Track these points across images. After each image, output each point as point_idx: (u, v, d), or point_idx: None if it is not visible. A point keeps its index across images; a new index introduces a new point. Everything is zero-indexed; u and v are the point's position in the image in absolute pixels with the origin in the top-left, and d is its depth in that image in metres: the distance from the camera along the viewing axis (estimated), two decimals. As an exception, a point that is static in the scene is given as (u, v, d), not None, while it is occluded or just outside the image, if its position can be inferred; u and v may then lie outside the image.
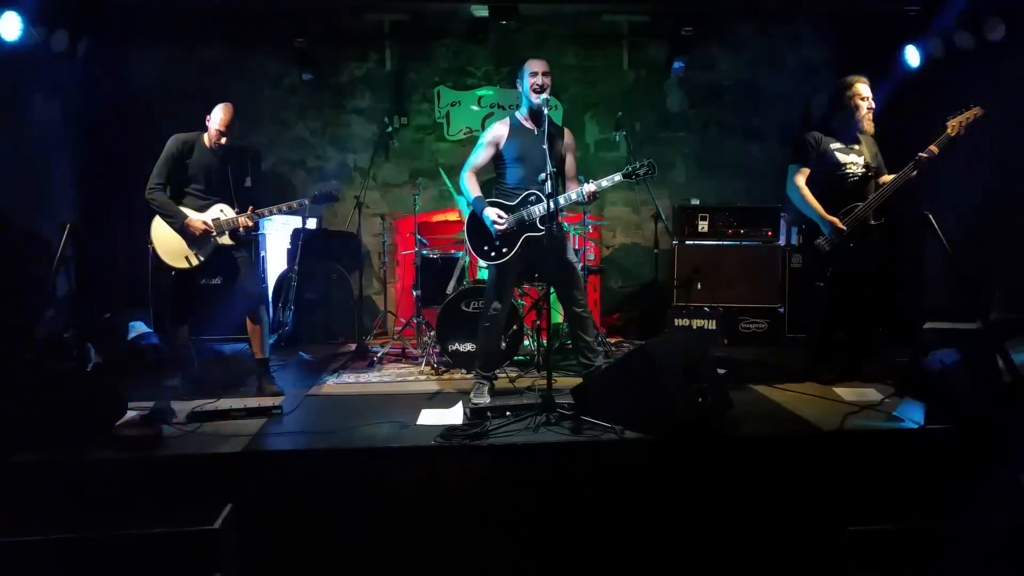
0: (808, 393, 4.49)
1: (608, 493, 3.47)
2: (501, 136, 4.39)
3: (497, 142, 4.40)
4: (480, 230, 4.38)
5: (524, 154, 4.35)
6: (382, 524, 3.37)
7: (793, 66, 7.54)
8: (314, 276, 6.68)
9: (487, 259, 4.39)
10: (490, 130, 4.45)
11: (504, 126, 4.41)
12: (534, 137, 4.31)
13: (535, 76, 4.30)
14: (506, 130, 4.39)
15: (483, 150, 4.43)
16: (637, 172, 4.25)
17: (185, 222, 4.50)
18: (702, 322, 6.47)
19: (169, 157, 4.51)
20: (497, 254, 4.35)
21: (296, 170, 7.51)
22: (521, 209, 4.32)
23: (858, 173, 4.53)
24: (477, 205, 4.33)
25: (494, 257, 4.36)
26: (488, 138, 4.43)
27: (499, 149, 4.40)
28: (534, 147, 4.25)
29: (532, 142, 4.30)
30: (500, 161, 4.43)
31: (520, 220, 4.31)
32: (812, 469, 3.57)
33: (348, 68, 7.48)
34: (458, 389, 4.76)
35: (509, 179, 4.41)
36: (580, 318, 4.51)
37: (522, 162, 4.36)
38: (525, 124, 4.42)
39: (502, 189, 4.44)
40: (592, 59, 7.59)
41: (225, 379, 5.05)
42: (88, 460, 3.37)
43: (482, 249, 4.38)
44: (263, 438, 3.73)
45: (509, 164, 4.41)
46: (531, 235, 4.32)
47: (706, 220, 6.81)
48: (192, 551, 2.85)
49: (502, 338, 4.81)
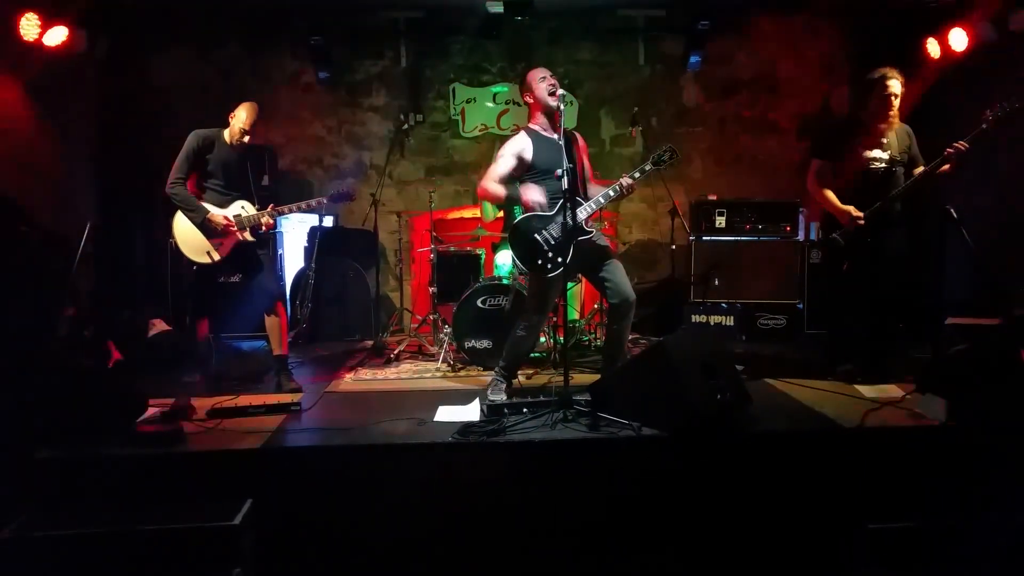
0: (828, 389, 4.45)
1: (626, 490, 3.46)
2: (526, 148, 4.21)
3: (522, 154, 4.21)
4: (527, 243, 4.13)
5: (552, 164, 4.09)
6: (399, 520, 3.37)
7: (812, 59, 7.47)
8: (331, 274, 6.71)
9: (543, 272, 4.12)
10: (512, 144, 4.25)
11: (526, 138, 4.25)
12: (556, 145, 4.10)
13: (544, 80, 4.23)
14: (529, 143, 4.23)
15: (506, 161, 4.21)
16: (663, 159, 4.16)
17: (207, 217, 4.53)
18: (719, 318, 6.44)
19: (190, 152, 4.53)
20: (553, 265, 4.12)
21: (313, 168, 7.55)
22: (560, 217, 4.09)
23: (882, 167, 4.47)
24: (513, 192, 4.13)
25: (550, 269, 4.12)
26: (512, 150, 4.22)
27: (527, 161, 4.21)
28: (556, 154, 4.06)
29: (556, 150, 4.08)
30: (529, 173, 4.23)
31: (565, 228, 4.06)
32: (832, 466, 3.54)
33: (364, 66, 7.50)
34: (475, 386, 4.76)
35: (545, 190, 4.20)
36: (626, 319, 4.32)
37: (549, 171, 4.13)
38: (544, 133, 4.29)
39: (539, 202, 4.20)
40: (607, 54, 7.56)
41: (244, 376, 5.08)
42: (109, 456, 3.40)
43: (535, 263, 4.12)
44: (282, 434, 3.75)
45: (540, 175, 4.21)
46: (581, 239, 4.15)
47: (723, 215, 6.76)
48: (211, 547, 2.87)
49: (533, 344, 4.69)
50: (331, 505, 3.39)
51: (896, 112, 4.45)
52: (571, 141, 4.33)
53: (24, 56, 5.58)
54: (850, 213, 4.45)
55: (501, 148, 4.30)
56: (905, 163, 4.52)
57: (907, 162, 4.53)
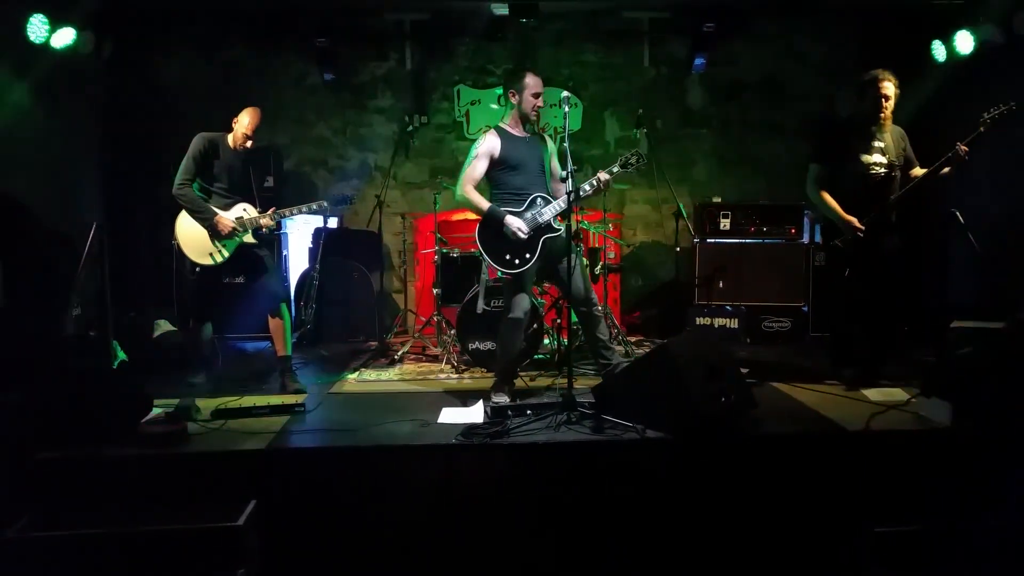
0: (832, 393, 4.44)
1: (629, 492, 3.46)
2: (495, 147, 4.36)
3: (492, 153, 4.36)
4: (495, 241, 4.29)
5: (520, 160, 4.37)
6: (403, 521, 3.38)
7: (817, 61, 7.45)
8: (335, 275, 6.71)
9: (511, 268, 4.29)
10: (481, 143, 4.39)
11: (494, 137, 4.39)
12: (525, 142, 4.42)
13: (538, 97, 4.37)
14: (497, 140, 4.37)
15: (479, 162, 4.36)
16: (630, 163, 4.31)
17: (214, 219, 4.55)
18: (724, 321, 6.43)
19: (196, 155, 4.56)
20: (521, 261, 4.28)
21: (318, 169, 7.55)
22: (532, 212, 4.30)
23: (881, 172, 4.46)
24: (495, 214, 4.26)
25: (518, 265, 4.28)
26: (481, 150, 4.36)
27: (495, 158, 4.36)
28: (527, 151, 4.40)
29: (524, 147, 4.41)
30: (497, 170, 4.39)
31: (535, 224, 4.27)
32: (837, 469, 3.54)
33: (369, 67, 7.50)
34: (479, 388, 4.76)
35: (508, 186, 4.38)
36: (592, 317, 4.47)
37: (519, 168, 4.38)
38: (512, 131, 4.44)
39: (503, 197, 4.38)
40: (612, 56, 7.56)
41: (248, 377, 5.10)
42: (113, 457, 3.41)
43: (503, 259, 4.28)
44: (286, 435, 3.76)
45: (507, 172, 4.38)
46: (548, 236, 4.31)
47: (728, 218, 6.76)
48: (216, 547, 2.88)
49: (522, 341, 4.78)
50: (335, 506, 3.40)
51: (888, 114, 4.45)
52: (540, 140, 4.54)
53: (31, 57, 5.60)
54: (854, 224, 4.44)
55: (473, 149, 4.44)
56: (901, 166, 4.52)
57: (903, 164, 4.53)
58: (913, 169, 4.53)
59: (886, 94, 4.40)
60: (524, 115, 4.41)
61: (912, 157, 4.56)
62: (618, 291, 6.99)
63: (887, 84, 4.41)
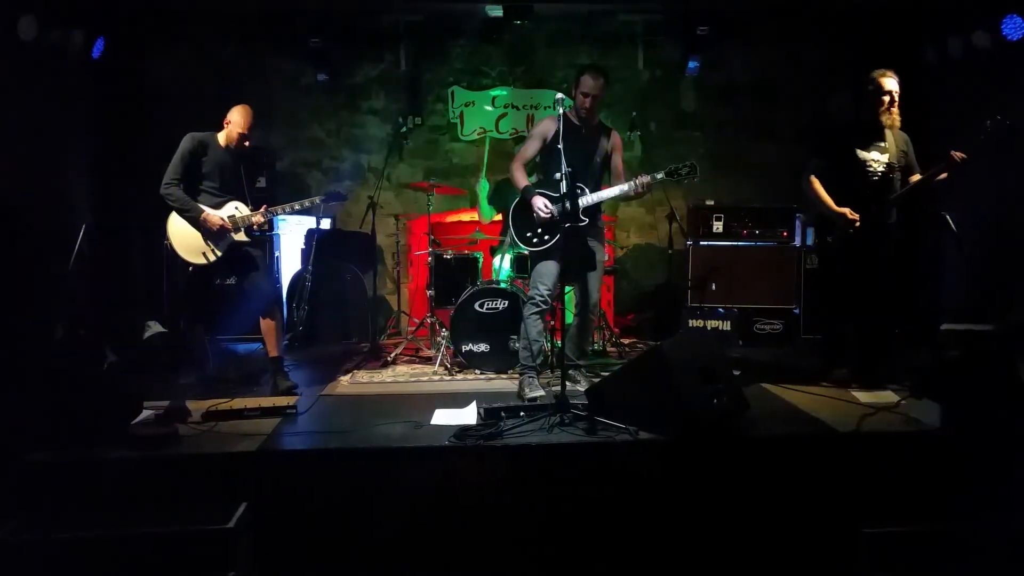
0: (824, 394, 4.45)
1: (622, 494, 3.46)
2: (549, 130, 4.56)
3: (544, 136, 4.59)
4: (525, 217, 4.59)
5: (573, 146, 4.40)
6: (396, 524, 3.36)
7: (810, 65, 7.47)
8: (328, 276, 6.70)
9: (528, 244, 4.60)
10: (540, 124, 4.72)
11: (553, 121, 4.51)
12: (581, 134, 4.61)
13: (585, 98, 4.56)
14: (555, 125, 4.37)
15: (532, 142, 4.66)
16: (680, 172, 4.62)
17: (202, 217, 4.53)
18: (717, 323, 6.45)
19: (184, 154, 4.54)
20: (539, 241, 4.57)
21: (311, 170, 7.54)
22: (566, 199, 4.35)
23: (880, 171, 4.47)
24: (527, 193, 4.52)
25: (536, 244, 4.58)
26: (536, 131, 4.68)
27: (546, 142, 4.57)
28: (579, 143, 4.55)
29: (578, 139, 4.57)
30: (545, 154, 4.61)
31: (563, 211, 4.40)
32: (828, 471, 3.54)
33: (363, 69, 7.49)
34: (472, 389, 4.75)
35: (552, 170, 4.43)
36: (589, 321, 4.70)
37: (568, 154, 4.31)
38: (574, 121, 4.63)
39: (544, 180, 4.63)
40: (607, 58, 7.55)
41: (240, 378, 5.07)
42: (103, 459, 3.39)
43: (524, 236, 4.61)
44: (278, 437, 3.74)
45: (555, 156, 4.34)
46: (572, 226, 4.35)
47: (721, 220, 6.78)
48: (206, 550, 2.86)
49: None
50: (327, 508, 3.38)
51: (895, 112, 4.43)
52: (602, 134, 4.73)
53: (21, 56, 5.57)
54: (846, 215, 4.44)
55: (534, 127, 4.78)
56: (902, 169, 4.52)
57: (903, 168, 4.53)
58: (913, 175, 4.53)
59: (890, 91, 4.40)
60: (578, 110, 4.63)
61: (914, 163, 4.55)
62: (612, 293, 6.99)
63: (890, 81, 4.40)
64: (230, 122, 4.64)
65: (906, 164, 4.54)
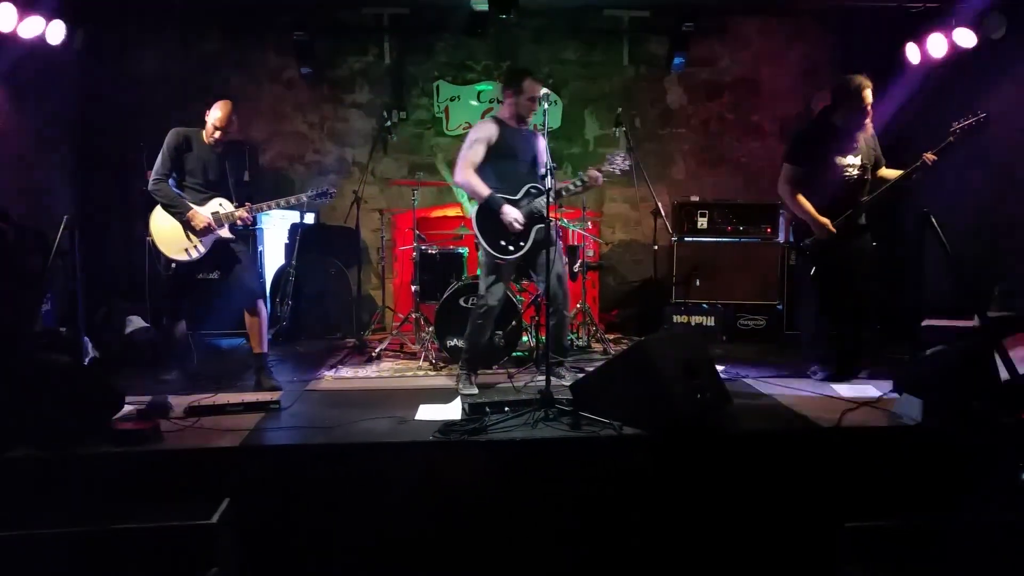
0: (806, 390, 4.49)
1: (606, 489, 3.47)
2: (493, 134, 4.51)
3: (489, 139, 4.51)
4: (492, 225, 4.46)
5: (515, 150, 4.55)
6: (380, 519, 3.36)
7: (794, 62, 7.51)
8: (312, 271, 6.67)
9: (504, 254, 4.48)
10: (480, 129, 4.58)
11: (493, 125, 4.55)
12: (521, 134, 4.61)
13: (534, 102, 4.50)
14: (496, 128, 4.52)
15: (479, 146, 4.51)
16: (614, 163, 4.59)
17: (189, 214, 4.51)
18: (701, 319, 6.47)
19: (170, 149, 4.53)
20: (515, 248, 4.48)
21: (295, 164, 7.49)
22: (526, 202, 4.49)
23: (855, 175, 4.51)
24: (495, 202, 4.42)
25: (512, 252, 4.48)
26: (480, 135, 4.53)
27: (491, 146, 4.51)
28: (523, 143, 4.59)
29: (520, 138, 4.60)
30: (492, 158, 4.52)
31: (529, 214, 4.45)
32: (810, 465, 3.57)
33: (347, 62, 7.45)
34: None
35: (502, 175, 4.51)
36: (565, 317, 4.66)
37: (514, 159, 4.55)
38: (510, 123, 4.61)
39: (495, 184, 4.50)
40: (592, 54, 7.57)
41: (223, 374, 5.05)
42: (85, 454, 3.36)
43: (498, 244, 4.47)
44: (261, 433, 3.72)
45: (501, 160, 4.52)
46: (539, 227, 4.44)
47: (705, 217, 6.80)
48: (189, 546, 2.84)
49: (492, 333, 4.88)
50: (310, 504, 3.37)
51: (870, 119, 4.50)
52: (532, 135, 4.72)
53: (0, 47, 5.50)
54: (827, 227, 4.48)
55: (471, 133, 4.60)
56: (872, 166, 4.57)
57: (872, 164, 4.58)
58: (880, 169, 4.59)
59: (870, 101, 4.44)
60: (519, 116, 4.61)
61: (880, 156, 4.62)
62: (597, 289, 7.00)
63: (869, 92, 4.44)
64: (209, 115, 4.61)
65: (875, 159, 4.61)
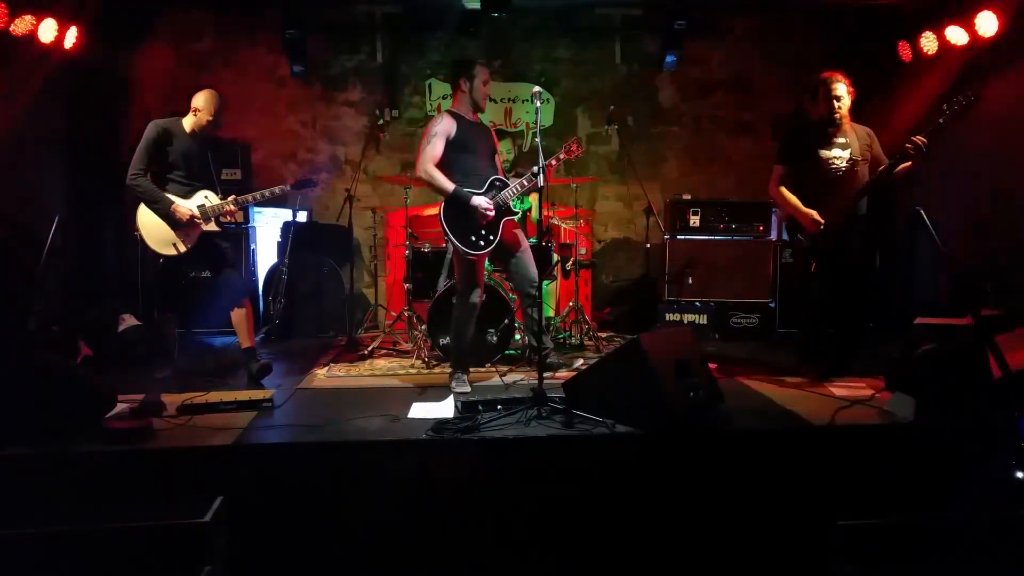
0: (799, 388, 4.50)
1: (599, 487, 3.47)
2: (451, 128, 4.45)
3: (448, 134, 4.44)
4: (460, 220, 4.39)
5: (474, 143, 4.52)
6: (373, 517, 3.36)
7: (786, 60, 7.53)
8: (304, 269, 6.66)
9: (476, 249, 4.40)
10: (435, 124, 4.48)
11: (450, 119, 4.48)
12: (477, 127, 4.60)
13: (487, 85, 4.56)
14: (454, 122, 4.47)
15: (438, 140, 4.42)
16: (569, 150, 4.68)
17: (171, 208, 4.47)
18: (693, 316, 6.49)
19: (149, 143, 4.48)
20: (485, 243, 4.41)
21: (287, 163, 7.48)
22: (491, 194, 4.46)
23: (843, 167, 4.53)
24: (461, 195, 4.35)
25: (483, 246, 4.41)
26: (439, 129, 4.44)
27: (450, 139, 4.44)
28: (480, 135, 4.59)
29: (477, 131, 4.58)
30: (453, 151, 4.46)
31: (496, 206, 4.42)
32: (803, 464, 3.58)
33: (339, 60, 7.44)
34: (449, 383, 4.75)
35: (463, 167, 4.47)
36: (536, 300, 4.58)
37: (474, 152, 4.52)
38: (467, 116, 4.57)
39: (458, 178, 4.43)
40: (584, 52, 7.58)
41: (215, 372, 5.03)
42: (77, 453, 3.35)
43: (468, 240, 4.38)
44: (254, 431, 3.71)
45: (462, 153, 4.48)
46: (508, 219, 4.48)
47: (698, 215, 6.81)
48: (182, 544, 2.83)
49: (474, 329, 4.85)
50: (303, 502, 3.36)
51: (843, 114, 4.52)
52: (489, 128, 4.77)
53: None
54: (812, 216, 4.51)
55: (429, 128, 4.52)
56: (868, 162, 4.58)
57: (868, 161, 4.59)
58: (882, 167, 4.59)
59: (837, 94, 4.49)
60: (475, 103, 4.57)
61: (880, 155, 4.62)
62: (589, 287, 7.01)
63: (838, 85, 4.50)
64: (198, 110, 4.57)
65: (872, 157, 4.61)
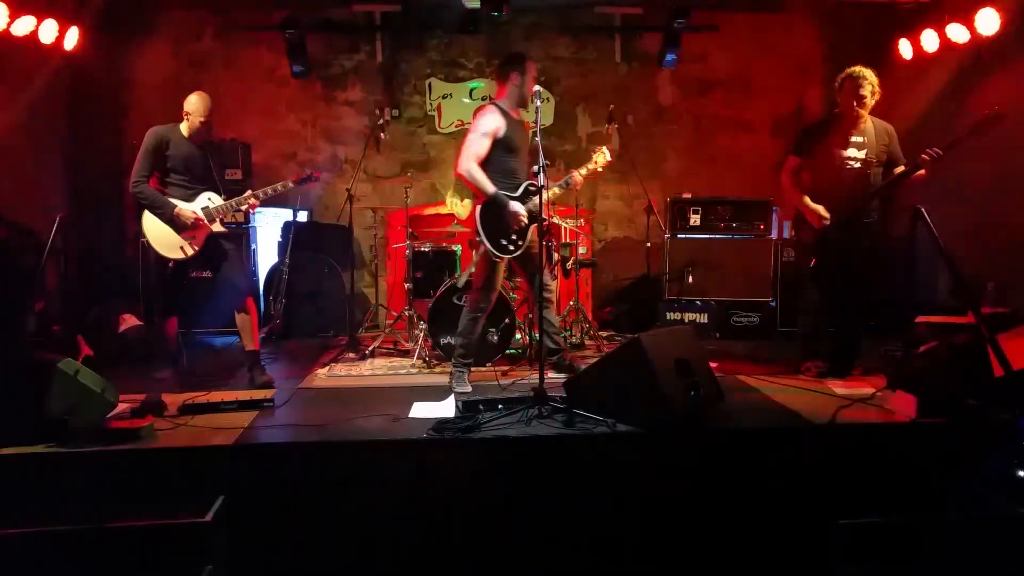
0: (800, 386, 4.50)
1: (600, 486, 3.47)
2: (500, 127, 4.40)
3: (496, 133, 4.39)
4: (494, 223, 4.40)
5: (519, 145, 4.47)
6: (373, 517, 3.36)
7: (786, 59, 7.53)
8: (305, 269, 6.66)
9: (504, 252, 4.43)
10: (487, 120, 4.41)
11: (500, 116, 4.42)
12: (520, 126, 4.54)
13: (535, 82, 4.44)
14: (503, 120, 4.41)
15: (486, 140, 4.38)
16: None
17: (174, 212, 4.48)
18: (694, 315, 6.49)
19: (148, 150, 4.49)
20: (514, 247, 4.45)
21: (287, 163, 7.48)
22: (527, 199, 4.46)
23: (856, 166, 4.51)
24: (500, 200, 4.35)
25: (512, 251, 4.45)
26: (487, 128, 4.39)
27: (497, 139, 4.40)
28: (522, 136, 4.51)
29: (520, 131, 4.52)
30: (496, 151, 4.42)
31: (530, 212, 4.42)
32: (804, 462, 3.58)
33: (339, 60, 7.44)
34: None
35: (503, 168, 4.44)
36: (550, 301, 4.62)
37: (516, 153, 4.47)
38: (513, 115, 4.50)
39: (496, 178, 4.42)
40: (584, 51, 7.58)
41: (216, 372, 5.03)
42: (79, 453, 3.35)
43: (499, 243, 4.42)
44: (255, 431, 3.71)
45: (505, 153, 4.44)
46: (534, 225, 4.43)
47: (698, 213, 6.80)
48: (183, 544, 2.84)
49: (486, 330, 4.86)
50: (304, 502, 3.37)
51: (865, 112, 4.47)
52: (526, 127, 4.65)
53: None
54: (818, 213, 4.51)
55: (475, 122, 4.45)
56: (884, 163, 4.55)
57: (886, 162, 4.55)
58: (898, 168, 4.55)
59: (862, 91, 4.42)
60: (523, 98, 4.49)
61: (897, 155, 4.56)
62: (590, 286, 7.01)
63: (863, 80, 4.43)
64: (189, 113, 4.58)
65: (889, 157, 4.55)
